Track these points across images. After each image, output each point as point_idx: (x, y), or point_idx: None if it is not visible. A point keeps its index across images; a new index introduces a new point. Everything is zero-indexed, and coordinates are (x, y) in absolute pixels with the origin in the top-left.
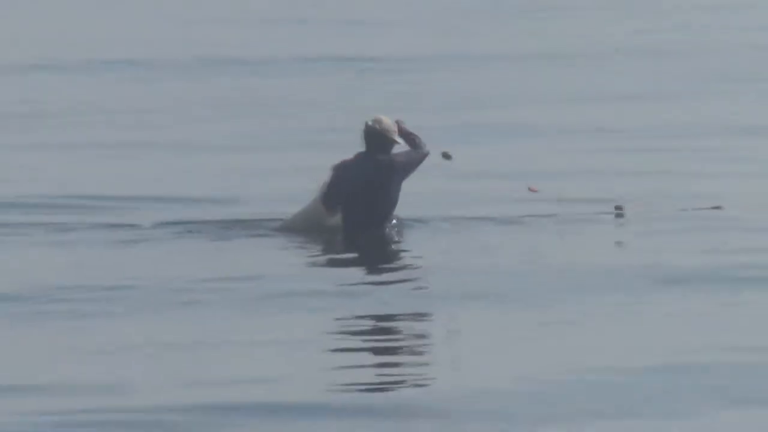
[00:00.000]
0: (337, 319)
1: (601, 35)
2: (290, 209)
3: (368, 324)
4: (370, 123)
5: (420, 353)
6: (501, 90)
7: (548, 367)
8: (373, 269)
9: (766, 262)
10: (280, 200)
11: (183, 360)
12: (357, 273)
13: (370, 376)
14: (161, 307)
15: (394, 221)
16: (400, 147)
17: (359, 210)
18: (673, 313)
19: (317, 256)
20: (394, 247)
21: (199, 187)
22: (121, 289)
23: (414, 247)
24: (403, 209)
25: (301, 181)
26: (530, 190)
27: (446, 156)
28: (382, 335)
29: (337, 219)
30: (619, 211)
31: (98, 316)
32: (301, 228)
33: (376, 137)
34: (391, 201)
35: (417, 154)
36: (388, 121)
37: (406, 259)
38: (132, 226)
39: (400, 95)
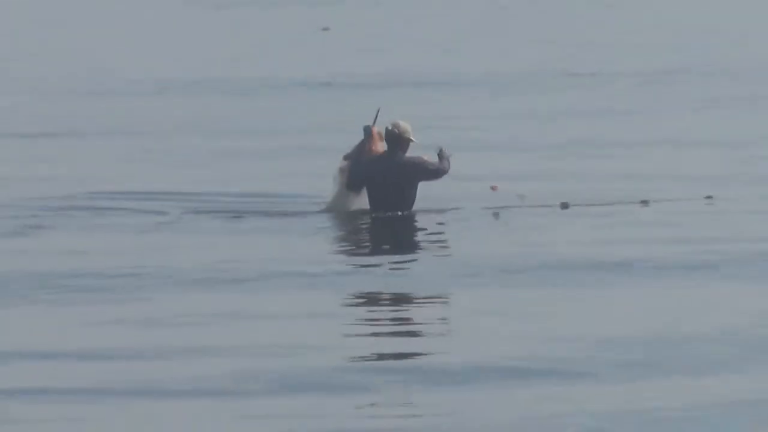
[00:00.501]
0: (354, 295)
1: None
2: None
3: (384, 299)
4: (389, 128)
5: (428, 326)
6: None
7: (536, 337)
8: (385, 251)
9: (688, 251)
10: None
11: (217, 330)
12: (375, 254)
13: (385, 345)
14: (208, 283)
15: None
16: (418, 145)
17: (382, 195)
18: (619, 296)
19: (342, 240)
20: (406, 233)
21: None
22: (163, 269)
23: (421, 233)
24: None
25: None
26: (492, 188)
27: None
28: (395, 310)
29: (363, 200)
30: (564, 206)
31: (137, 291)
32: (339, 210)
33: (395, 138)
34: (404, 193)
35: (432, 166)
36: (405, 125)
37: (416, 243)
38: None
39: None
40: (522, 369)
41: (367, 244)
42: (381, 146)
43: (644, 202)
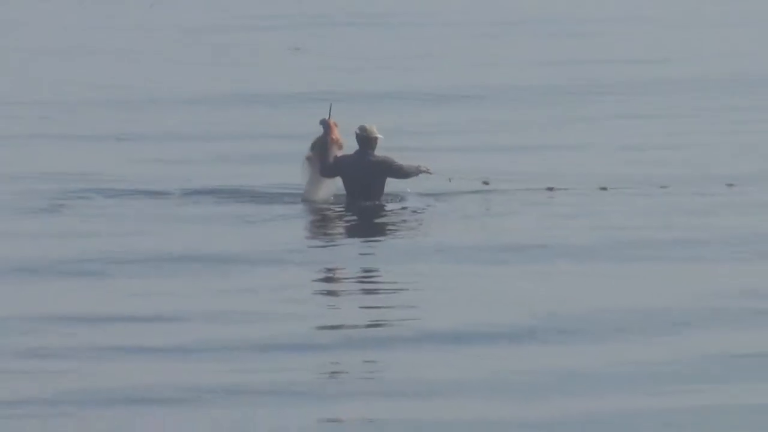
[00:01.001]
0: (326, 271)
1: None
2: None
3: (353, 275)
4: (357, 132)
5: (400, 297)
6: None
7: (487, 306)
8: (355, 233)
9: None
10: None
11: (205, 301)
12: (346, 236)
13: (359, 315)
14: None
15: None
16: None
17: (355, 187)
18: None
19: (317, 225)
20: (377, 216)
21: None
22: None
23: (390, 218)
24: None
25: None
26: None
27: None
28: (369, 282)
29: (338, 187)
30: (485, 183)
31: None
32: (313, 196)
33: (364, 140)
34: (373, 186)
35: (397, 166)
36: (370, 127)
37: (385, 225)
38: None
39: None
40: (471, 333)
41: (340, 227)
42: (338, 133)
43: (602, 188)
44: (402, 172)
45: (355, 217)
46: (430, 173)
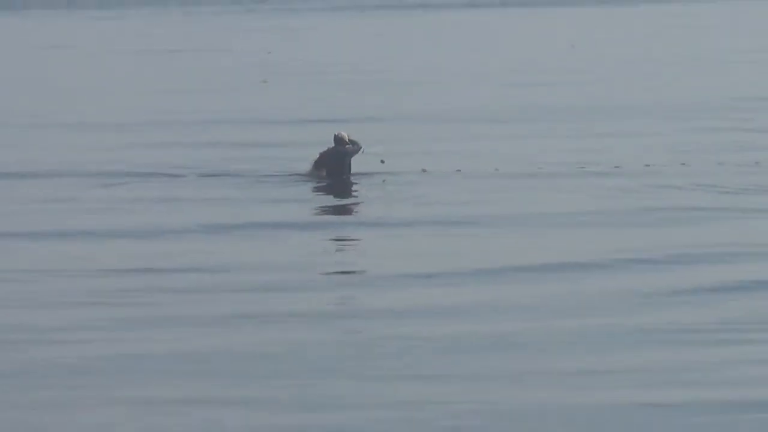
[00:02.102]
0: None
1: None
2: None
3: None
4: (336, 134)
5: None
6: None
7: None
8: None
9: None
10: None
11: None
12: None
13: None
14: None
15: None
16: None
17: (334, 170)
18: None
19: (307, 198)
20: (348, 194)
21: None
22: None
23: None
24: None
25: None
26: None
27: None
28: (346, 239)
29: (323, 173)
30: (382, 162)
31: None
32: (312, 177)
33: (339, 140)
34: (346, 167)
35: (354, 149)
36: (344, 133)
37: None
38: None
39: None
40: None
41: (322, 197)
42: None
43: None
44: (352, 153)
45: (330, 191)
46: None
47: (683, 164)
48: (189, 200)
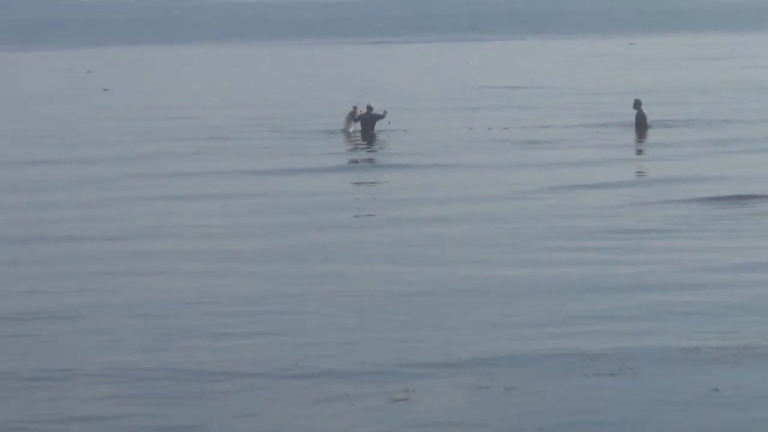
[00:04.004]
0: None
1: None
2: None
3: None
4: (369, 104)
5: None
6: None
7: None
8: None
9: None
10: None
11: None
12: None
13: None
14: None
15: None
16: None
17: (367, 127)
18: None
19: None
20: (377, 144)
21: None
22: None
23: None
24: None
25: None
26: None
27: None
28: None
29: (357, 126)
30: (389, 122)
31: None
32: (348, 131)
33: (369, 108)
34: (373, 126)
35: (381, 115)
36: (372, 104)
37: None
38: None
39: None
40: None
41: (353, 150)
42: (360, 111)
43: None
44: (379, 117)
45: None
46: (385, 115)
47: None
48: (269, 148)
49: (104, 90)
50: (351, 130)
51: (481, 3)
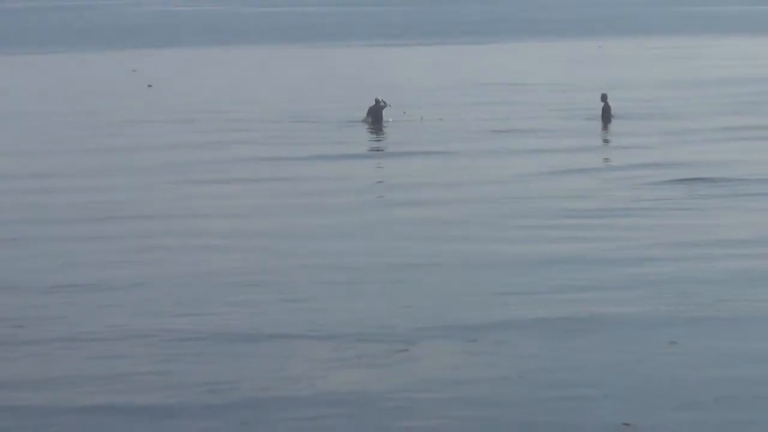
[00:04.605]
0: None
1: None
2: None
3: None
4: (377, 97)
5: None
6: None
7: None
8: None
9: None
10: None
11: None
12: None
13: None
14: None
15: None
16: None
17: (376, 118)
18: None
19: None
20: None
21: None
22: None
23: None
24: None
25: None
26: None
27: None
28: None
29: (369, 120)
30: (389, 106)
31: None
32: (368, 121)
33: (377, 101)
34: (381, 116)
35: (384, 105)
36: (379, 97)
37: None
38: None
39: None
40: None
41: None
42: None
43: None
44: (384, 106)
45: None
46: (389, 105)
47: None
48: (295, 137)
49: (148, 86)
50: (370, 121)
51: (475, 11)
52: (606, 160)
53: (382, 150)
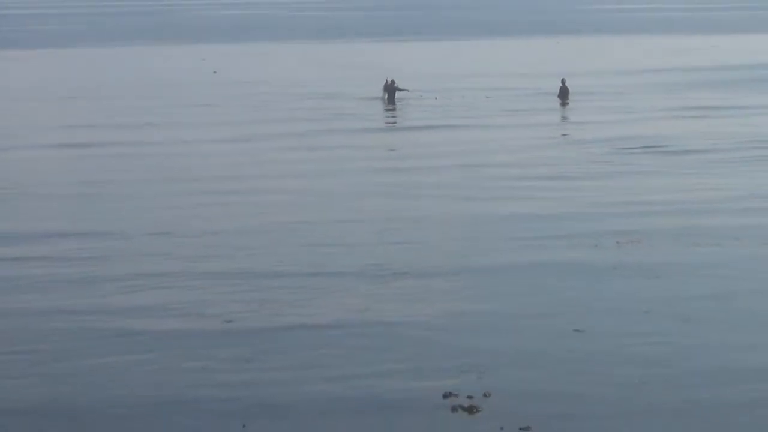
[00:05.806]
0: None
1: None
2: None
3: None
4: (387, 78)
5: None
6: None
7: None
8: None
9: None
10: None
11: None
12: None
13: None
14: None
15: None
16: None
17: (391, 95)
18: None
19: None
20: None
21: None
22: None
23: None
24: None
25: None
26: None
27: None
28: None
29: (385, 96)
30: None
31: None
32: (384, 98)
33: (392, 81)
34: (395, 95)
35: (399, 89)
36: (392, 78)
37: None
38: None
39: None
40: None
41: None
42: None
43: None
44: (399, 90)
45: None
46: (408, 90)
47: None
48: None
49: (214, 72)
50: (385, 97)
51: (457, 14)
52: (564, 135)
53: (395, 124)
